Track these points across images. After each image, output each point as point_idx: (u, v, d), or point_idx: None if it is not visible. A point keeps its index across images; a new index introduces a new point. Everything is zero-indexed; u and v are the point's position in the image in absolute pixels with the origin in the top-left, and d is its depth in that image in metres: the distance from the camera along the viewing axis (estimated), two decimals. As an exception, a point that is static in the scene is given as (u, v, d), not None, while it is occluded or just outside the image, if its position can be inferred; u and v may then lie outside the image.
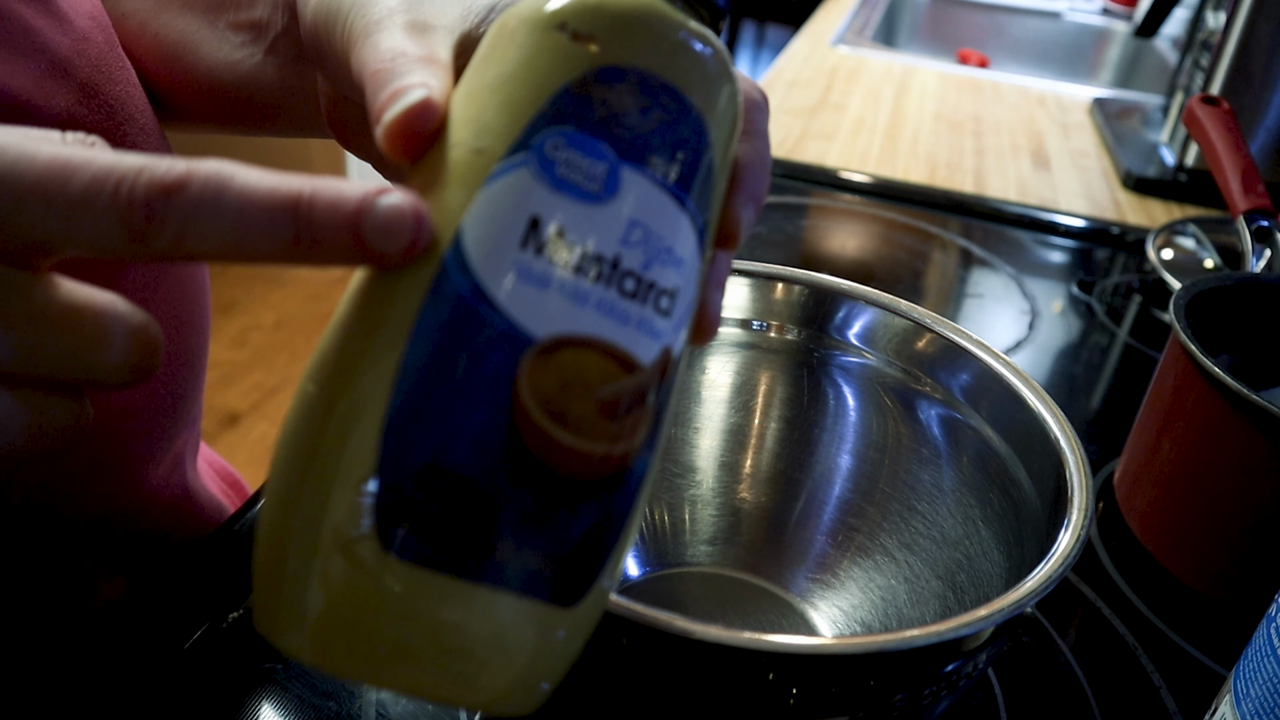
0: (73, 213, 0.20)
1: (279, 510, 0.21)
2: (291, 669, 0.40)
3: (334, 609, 0.21)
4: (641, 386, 0.23)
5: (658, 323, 0.23)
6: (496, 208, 0.21)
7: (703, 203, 0.24)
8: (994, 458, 0.40)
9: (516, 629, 0.21)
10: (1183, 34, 1.13)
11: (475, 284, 0.21)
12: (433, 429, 0.20)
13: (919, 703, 0.30)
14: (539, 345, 0.21)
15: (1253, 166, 0.74)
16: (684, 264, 0.24)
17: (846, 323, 0.44)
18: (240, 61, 0.40)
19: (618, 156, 0.22)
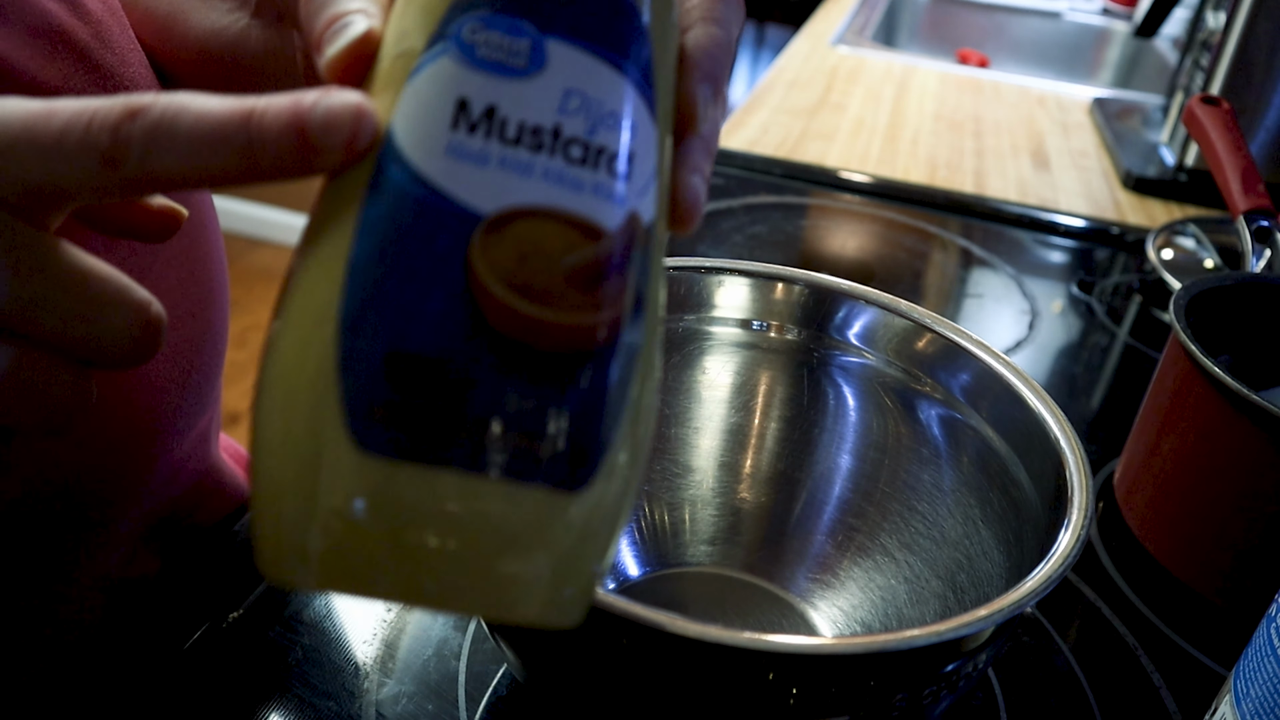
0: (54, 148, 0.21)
1: (262, 446, 0.21)
2: (292, 669, 0.40)
3: (327, 528, 0.20)
4: (609, 252, 0.22)
5: (616, 186, 0.22)
6: (422, 97, 0.22)
7: (646, 70, 0.24)
8: (994, 458, 0.40)
9: (521, 518, 0.21)
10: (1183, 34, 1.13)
11: (410, 171, 0.21)
12: (388, 316, 0.20)
13: (919, 703, 0.30)
14: (488, 220, 0.21)
15: (1253, 166, 0.74)
16: (636, 129, 0.23)
17: (846, 323, 0.44)
18: (226, 28, 0.41)
19: (538, 30, 0.22)
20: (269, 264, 2.36)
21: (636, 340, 0.23)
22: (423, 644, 0.42)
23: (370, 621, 0.43)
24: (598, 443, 0.22)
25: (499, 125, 0.21)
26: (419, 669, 0.41)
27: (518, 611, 0.21)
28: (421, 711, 0.39)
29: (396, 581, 0.20)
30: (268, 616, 0.43)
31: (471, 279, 0.21)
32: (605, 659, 0.30)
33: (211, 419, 0.50)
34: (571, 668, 0.32)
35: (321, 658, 0.41)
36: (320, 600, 0.44)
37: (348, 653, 0.41)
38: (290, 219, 2.43)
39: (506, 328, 0.21)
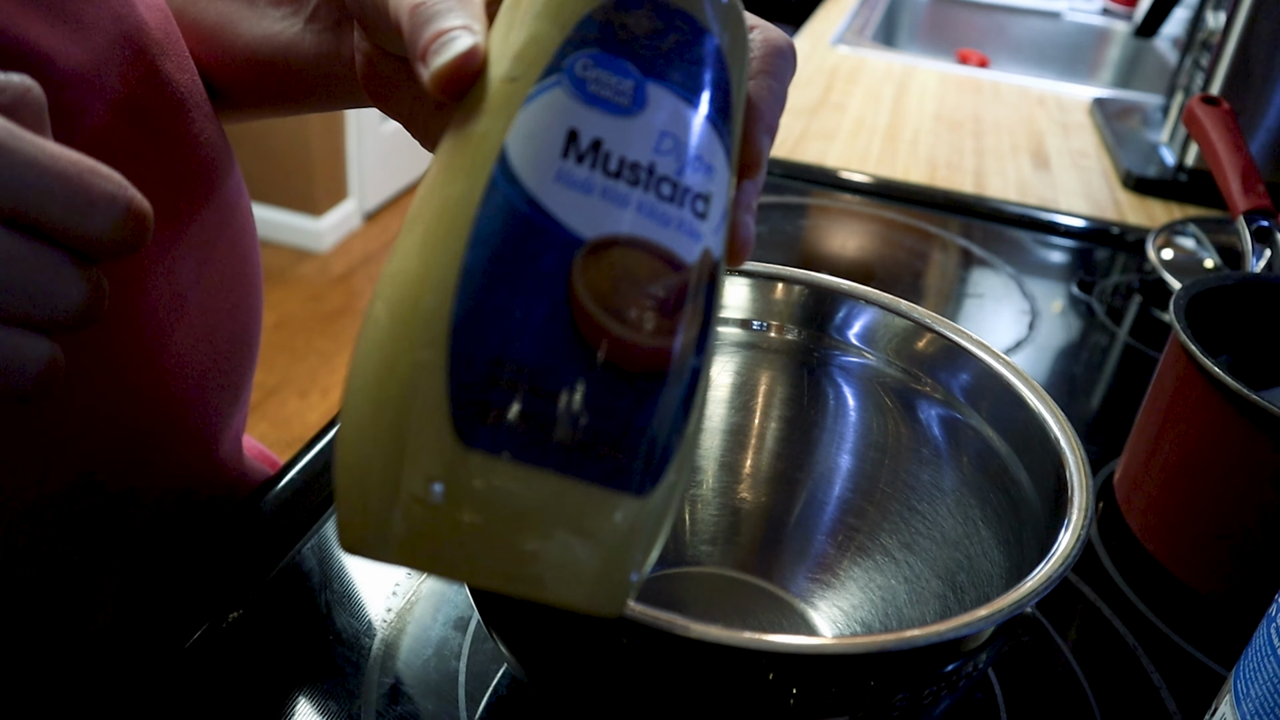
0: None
1: (359, 424, 0.23)
2: (292, 668, 0.40)
3: (418, 507, 0.22)
4: (687, 284, 0.24)
5: (696, 225, 0.25)
6: (536, 124, 0.24)
7: (724, 118, 0.26)
8: (994, 458, 0.40)
9: (593, 516, 0.23)
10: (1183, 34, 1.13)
11: (524, 192, 0.23)
12: (497, 325, 0.22)
13: (919, 703, 0.30)
14: (588, 245, 0.23)
15: (1253, 166, 0.74)
16: (714, 172, 0.25)
17: (846, 323, 0.44)
18: (279, 33, 0.42)
19: (642, 74, 0.24)
20: (269, 263, 2.36)
21: (702, 364, 0.25)
22: (423, 644, 0.42)
23: (370, 621, 0.43)
24: (665, 454, 0.24)
25: (603, 158, 0.23)
26: (419, 669, 0.41)
27: (578, 599, 0.23)
28: (421, 711, 0.39)
29: (472, 563, 0.22)
30: (268, 616, 0.43)
31: (572, 298, 0.23)
32: (605, 659, 0.30)
33: (243, 419, 0.51)
34: (572, 668, 0.32)
35: (321, 657, 0.41)
36: (320, 600, 0.44)
37: (348, 652, 0.41)
38: (288, 219, 2.43)
39: (599, 345, 0.23)
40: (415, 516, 0.22)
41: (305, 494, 0.49)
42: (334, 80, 0.41)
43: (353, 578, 0.45)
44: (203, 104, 0.44)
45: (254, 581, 0.44)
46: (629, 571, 0.24)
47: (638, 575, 0.24)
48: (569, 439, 0.22)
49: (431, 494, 0.22)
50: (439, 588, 0.45)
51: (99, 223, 0.24)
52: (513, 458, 0.22)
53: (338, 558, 0.46)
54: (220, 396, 0.46)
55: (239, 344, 0.47)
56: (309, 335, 2.13)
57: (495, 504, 0.22)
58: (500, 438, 0.22)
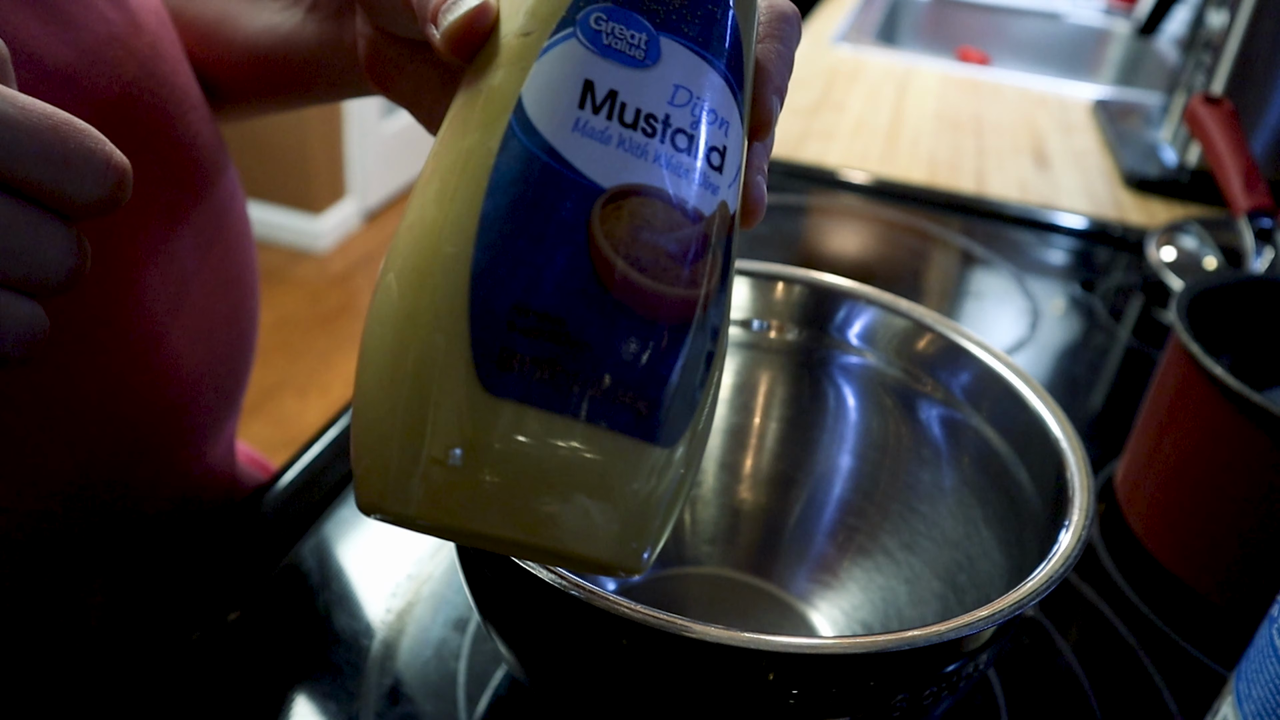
0: None
1: (379, 376, 0.23)
2: (292, 669, 0.40)
3: (441, 460, 0.22)
4: (707, 236, 0.24)
5: (712, 177, 0.25)
6: (552, 75, 0.24)
7: (736, 75, 0.26)
8: (995, 458, 0.39)
9: (617, 465, 0.22)
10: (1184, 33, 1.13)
11: (542, 141, 0.23)
12: (518, 272, 0.22)
13: (920, 703, 0.30)
14: (607, 194, 0.23)
15: (1254, 166, 0.74)
16: (729, 126, 0.25)
17: (847, 323, 0.44)
18: (279, 25, 0.41)
19: (654, 27, 0.24)
20: (267, 263, 2.36)
21: (720, 317, 0.25)
22: (422, 644, 0.42)
23: (370, 622, 0.43)
24: (688, 406, 0.24)
25: (619, 109, 0.23)
26: (418, 669, 0.41)
27: (601, 553, 0.23)
28: (421, 712, 0.39)
29: (495, 516, 0.22)
30: (267, 616, 0.43)
31: (592, 246, 0.22)
32: (606, 659, 0.30)
33: (235, 426, 0.51)
34: (572, 668, 0.32)
35: (321, 657, 0.41)
36: (319, 600, 0.44)
37: (347, 652, 0.41)
38: (287, 219, 2.43)
39: (620, 294, 0.23)
40: (438, 468, 0.22)
41: (304, 494, 0.49)
42: (336, 70, 0.41)
43: (352, 578, 0.45)
44: (198, 105, 0.44)
45: (253, 582, 0.44)
46: (652, 525, 0.23)
47: (661, 531, 0.24)
48: (592, 387, 0.22)
49: (455, 445, 0.22)
50: (439, 588, 0.45)
51: (77, 180, 0.24)
52: (536, 405, 0.22)
53: (337, 558, 0.46)
54: (215, 400, 0.46)
55: (235, 348, 0.47)
56: (308, 335, 2.13)
57: (519, 452, 0.22)
58: (523, 385, 0.22)
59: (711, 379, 0.25)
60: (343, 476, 0.50)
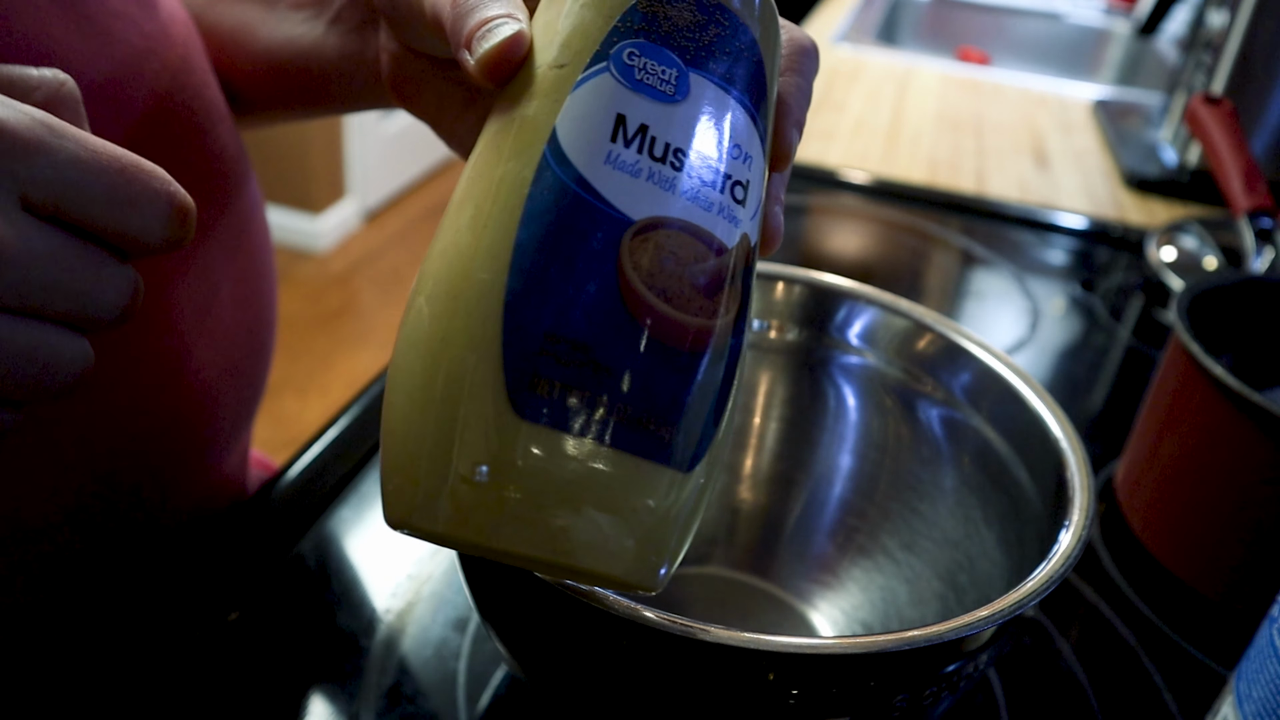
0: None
1: (409, 396, 0.23)
2: (291, 669, 0.40)
3: (470, 478, 0.22)
4: (728, 267, 0.25)
5: (735, 210, 0.25)
6: (585, 108, 0.24)
7: (760, 110, 0.27)
8: (995, 458, 0.39)
9: (639, 489, 0.23)
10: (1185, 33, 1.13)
11: (575, 173, 0.24)
12: (550, 300, 0.23)
13: (920, 703, 0.30)
14: (635, 226, 0.24)
15: (1254, 166, 0.74)
16: (752, 161, 0.26)
17: (847, 323, 0.44)
18: (301, 36, 0.41)
19: (684, 64, 0.25)
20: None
21: (740, 346, 0.26)
22: (422, 644, 0.42)
23: (370, 622, 0.43)
24: (707, 431, 0.25)
25: (649, 142, 0.24)
26: (419, 669, 0.41)
27: (620, 572, 0.23)
28: (421, 711, 0.39)
29: (518, 533, 0.23)
30: (268, 616, 0.42)
31: (620, 276, 0.23)
32: (605, 660, 0.30)
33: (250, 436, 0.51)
34: (571, 669, 0.32)
35: (321, 657, 0.41)
36: (320, 600, 0.44)
37: (347, 652, 0.41)
38: (286, 218, 2.43)
39: (647, 322, 0.23)
40: (466, 486, 0.22)
41: (304, 494, 0.49)
42: (356, 82, 0.41)
43: (352, 578, 0.45)
44: (224, 117, 0.43)
45: (253, 581, 0.44)
46: (669, 545, 0.24)
47: (677, 550, 0.24)
48: (618, 413, 0.23)
49: (484, 464, 0.22)
50: (439, 589, 0.45)
51: (143, 220, 0.24)
52: (564, 429, 0.22)
53: (337, 558, 0.46)
54: (234, 412, 0.46)
55: (255, 360, 0.47)
56: (308, 335, 2.13)
57: (546, 473, 0.22)
58: (552, 409, 0.22)
59: (729, 405, 0.25)
60: (342, 476, 0.50)
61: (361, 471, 0.51)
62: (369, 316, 2.26)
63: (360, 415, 0.55)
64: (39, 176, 0.23)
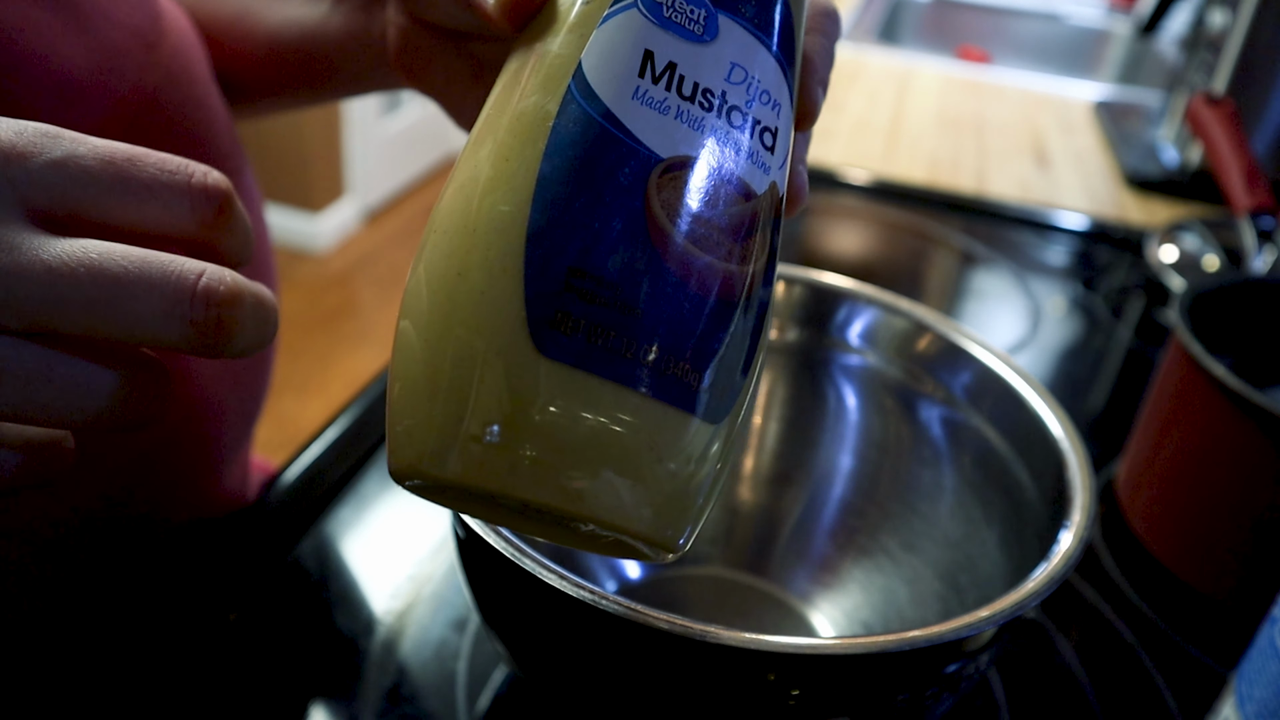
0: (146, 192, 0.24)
1: (424, 332, 0.22)
2: (291, 669, 0.40)
3: (488, 419, 0.21)
4: (758, 213, 0.24)
5: (764, 157, 0.25)
6: (612, 43, 0.23)
7: (788, 59, 0.26)
8: (995, 458, 0.39)
9: (664, 435, 0.22)
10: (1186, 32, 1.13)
11: (602, 106, 0.23)
12: (575, 234, 0.22)
13: (921, 703, 0.30)
14: (664, 164, 0.23)
15: (1255, 165, 0.74)
16: (780, 109, 0.25)
17: (847, 323, 0.44)
18: (304, 17, 0.41)
19: (713, 4, 0.24)
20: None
21: (768, 298, 0.25)
22: (422, 644, 0.42)
23: (370, 622, 0.43)
24: (734, 383, 0.24)
25: (678, 81, 0.23)
26: (418, 669, 0.41)
27: (641, 525, 0.22)
28: (421, 712, 0.39)
29: (537, 479, 0.21)
30: (268, 616, 0.42)
31: (648, 214, 0.22)
32: (606, 660, 0.30)
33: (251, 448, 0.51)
34: (572, 669, 0.32)
35: (321, 657, 0.41)
36: (319, 601, 0.44)
37: (347, 652, 0.41)
38: (285, 218, 2.43)
39: (674, 263, 0.22)
40: (485, 428, 0.21)
41: (304, 494, 0.49)
42: (361, 63, 0.40)
43: (352, 578, 0.45)
44: (220, 114, 0.43)
45: (253, 582, 0.44)
46: (694, 504, 0.23)
47: (701, 512, 0.23)
48: (644, 355, 0.22)
49: (505, 406, 0.21)
50: (438, 589, 0.45)
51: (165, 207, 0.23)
52: (588, 370, 0.21)
53: (337, 558, 0.46)
54: (236, 425, 0.46)
55: (257, 372, 0.47)
56: (307, 335, 2.13)
57: (569, 417, 0.21)
58: (576, 349, 0.21)
59: (756, 361, 0.24)
60: (342, 476, 0.50)
61: (361, 472, 0.51)
62: (368, 316, 2.26)
63: (360, 415, 0.55)
64: (40, 180, 0.22)
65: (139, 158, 0.23)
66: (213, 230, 0.24)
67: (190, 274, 0.22)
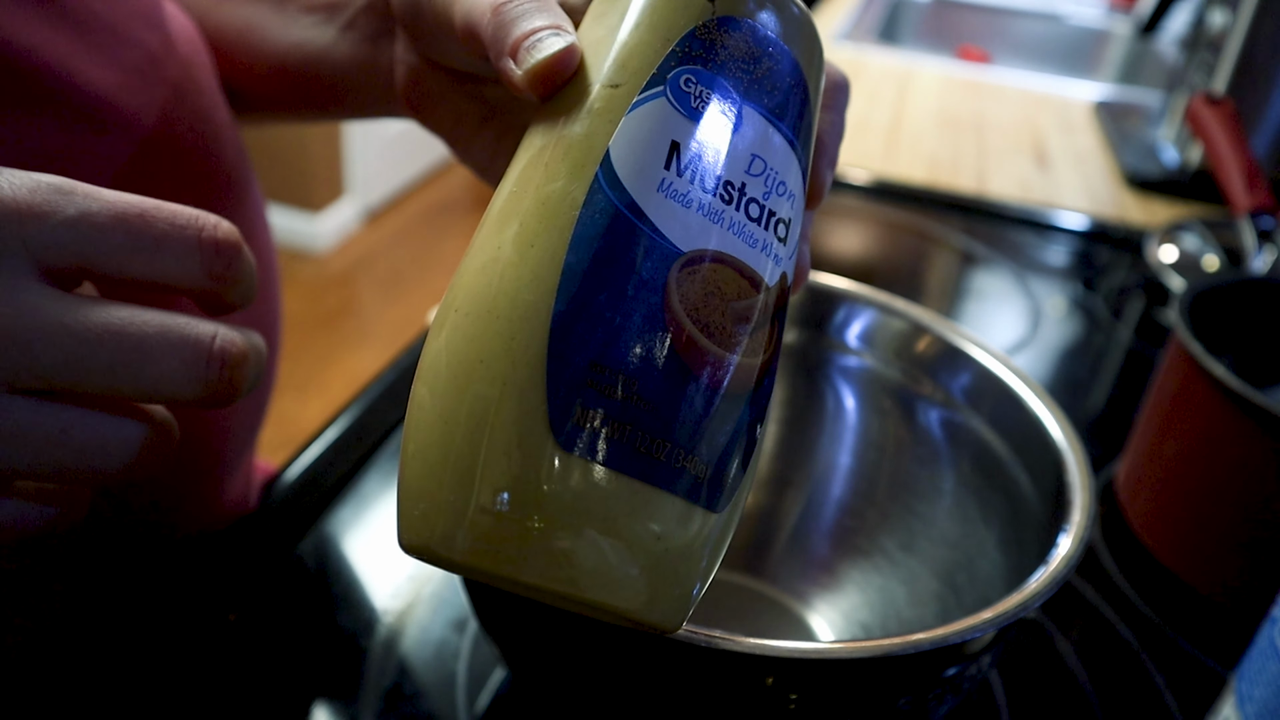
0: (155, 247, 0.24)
1: (441, 415, 0.22)
2: (291, 670, 0.40)
3: (501, 510, 0.21)
4: (768, 305, 0.25)
5: (777, 249, 0.25)
6: (640, 132, 0.24)
7: (804, 146, 0.26)
8: (994, 459, 0.39)
9: (671, 525, 0.23)
10: (1186, 32, 1.13)
11: (628, 198, 0.23)
12: (598, 328, 0.22)
13: (923, 706, 0.30)
14: (684, 257, 0.23)
15: (1255, 165, 0.74)
16: (795, 199, 0.26)
17: (846, 324, 0.44)
18: (310, 41, 0.40)
19: (739, 95, 0.25)
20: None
21: (770, 388, 0.25)
22: (422, 644, 0.42)
23: (370, 622, 0.43)
24: (739, 473, 0.24)
25: (702, 174, 0.24)
26: (419, 669, 0.41)
27: (644, 610, 0.23)
28: (421, 712, 0.39)
29: (545, 567, 0.22)
30: (268, 616, 0.42)
31: (666, 309, 0.23)
32: (604, 665, 0.30)
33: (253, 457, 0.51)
34: (570, 674, 0.32)
35: (321, 658, 0.41)
36: (319, 601, 0.44)
37: (347, 653, 0.41)
38: (284, 218, 2.43)
39: (689, 358, 0.23)
40: (496, 517, 0.21)
41: (304, 494, 0.49)
42: (366, 91, 0.40)
43: (352, 579, 0.45)
44: (229, 127, 0.43)
45: (253, 582, 0.44)
46: (694, 585, 0.24)
47: (699, 590, 0.24)
48: (657, 449, 0.22)
49: (521, 493, 0.21)
50: (439, 589, 0.45)
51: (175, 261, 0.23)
52: (603, 462, 0.22)
53: (337, 558, 0.46)
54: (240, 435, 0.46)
55: (262, 384, 0.47)
56: (307, 335, 2.13)
57: (581, 508, 0.22)
58: (593, 442, 0.22)
59: (758, 448, 0.25)
60: (342, 476, 0.50)
61: (361, 472, 0.51)
62: (368, 316, 2.26)
63: (360, 415, 0.55)
64: (53, 240, 0.22)
65: (150, 212, 0.23)
66: (222, 283, 0.24)
67: (206, 336, 0.23)
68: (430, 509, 0.22)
